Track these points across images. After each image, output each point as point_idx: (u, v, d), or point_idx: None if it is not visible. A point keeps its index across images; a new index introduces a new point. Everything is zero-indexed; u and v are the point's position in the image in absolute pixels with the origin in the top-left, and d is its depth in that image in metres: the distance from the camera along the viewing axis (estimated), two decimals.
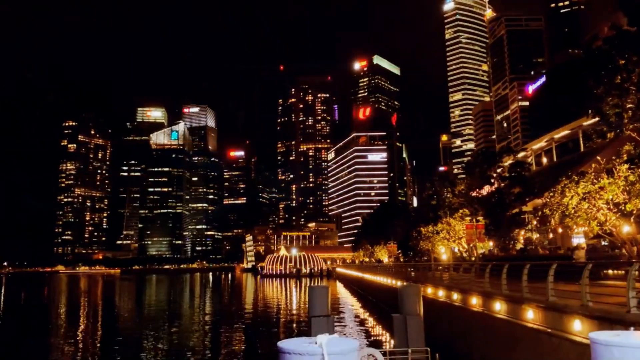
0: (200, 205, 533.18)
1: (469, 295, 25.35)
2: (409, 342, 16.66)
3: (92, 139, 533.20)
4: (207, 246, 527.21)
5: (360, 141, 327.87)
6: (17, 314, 68.15)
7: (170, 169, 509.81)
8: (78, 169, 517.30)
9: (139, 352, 33.26)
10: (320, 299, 18.08)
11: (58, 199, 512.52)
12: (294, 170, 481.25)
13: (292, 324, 46.36)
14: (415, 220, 68.73)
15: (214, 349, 34.37)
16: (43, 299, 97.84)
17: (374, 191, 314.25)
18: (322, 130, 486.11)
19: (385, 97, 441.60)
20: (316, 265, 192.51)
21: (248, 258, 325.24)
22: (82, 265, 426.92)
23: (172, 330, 44.28)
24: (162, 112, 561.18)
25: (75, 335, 43.09)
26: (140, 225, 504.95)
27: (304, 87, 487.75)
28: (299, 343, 4.18)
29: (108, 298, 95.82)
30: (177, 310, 64.89)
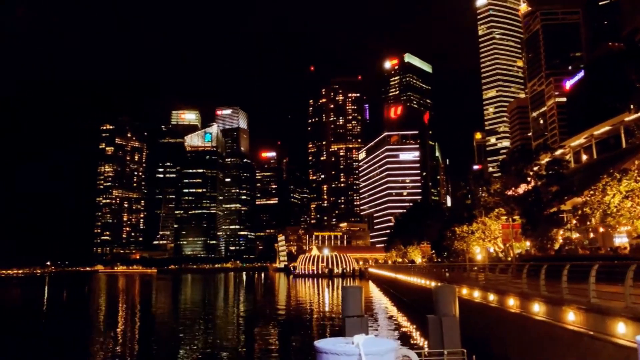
0: (233, 206, 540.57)
1: (505, 296, 24.82)
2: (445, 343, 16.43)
3: (129, 141, 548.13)
4: (240, 246, 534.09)
5: (391, 140, 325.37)
6: (59, 312, 70.73)
7: (204, 170, 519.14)
8: (116, 171, 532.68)
9: (176, 349, 33.96)
10: (353, 299, 18.01)
11: (97, 201, 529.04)
12: (325, 170, 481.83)
13: (325, 324, 46.41)
14: (449, 220, 67.81)
15: (249, 347, 34.75)
16: (84, 297, 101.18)
17: (406, 191, 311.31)
18: (353, 130, 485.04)
19: (417, 96, 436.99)
20: (348, 265, 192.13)
21: (280, 258, 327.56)
22: (120, 265, 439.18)
23: (208, 329, 45.03)
24: (196, 114, 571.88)
25: (114, 332, 44.37)
26: (176, 226, 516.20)
27: (334, 87, 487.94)
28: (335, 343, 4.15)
29: (145, 297, 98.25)
30: (212, 309, 65.93)
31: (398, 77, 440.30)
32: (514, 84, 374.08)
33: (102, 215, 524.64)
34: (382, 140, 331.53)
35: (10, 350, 35.32)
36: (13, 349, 35.86)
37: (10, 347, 37.13)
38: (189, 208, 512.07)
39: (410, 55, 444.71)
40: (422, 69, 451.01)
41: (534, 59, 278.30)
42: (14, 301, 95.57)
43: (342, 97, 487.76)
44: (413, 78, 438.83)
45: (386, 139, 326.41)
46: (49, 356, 33.10)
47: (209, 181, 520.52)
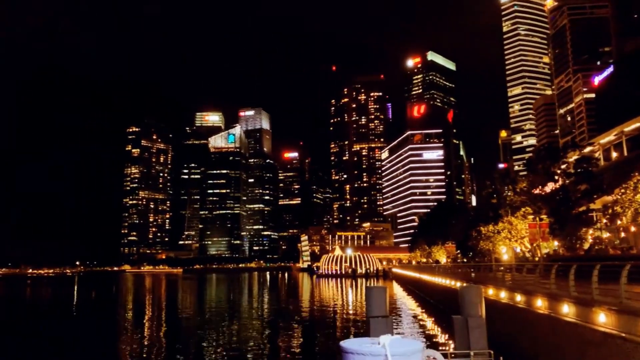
0: (256, 206, 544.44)
1: (533, 297, 24.39)
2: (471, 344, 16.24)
3: (155, 143, 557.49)
4: (264, 246, 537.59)
5: (415, 139, 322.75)
6: (88, 311, 72.42)
7: (227, 171, 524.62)
8: (142, 172, 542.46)
9: (201, 348, 34.41)
10: (378, 300, 17.96)
11: (123, 202, 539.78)
12: (348, 170, 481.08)
13: (350, 324, 46.35)
14: (474, 220, 66.94)
15: (273, 347, 34.96)
16: (111, 297, 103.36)
17: (430, 190, 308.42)
18: (376, 130, 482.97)
19: (441, 94, 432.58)
20: (372, 265, 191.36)
21: (304, 258, 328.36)
22: (147, 265, 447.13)
23: (233, 328, 45.46)
24: (220, 116, 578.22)
25: (142, 331, 45.21)
26: (201, 226, 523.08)
27: (356, 87, 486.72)
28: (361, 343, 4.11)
29: (171, 296, 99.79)
30: (236, 308, 66.55)
31: (421, 76, 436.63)
32: (540, 81, 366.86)
33: (129, 216, 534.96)
34: (405, 139, 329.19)
35: (43, 348, 36.33)
36: (45, 347, 36.88)
37: (42, 345, 38.20)
38: (213, 208, 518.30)
39: (433, 53, 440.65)
40: (446, 66, 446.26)
41: (560, 54, 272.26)
42: (45, 300, 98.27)
43: (364, 96, 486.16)
44: (436, 76, 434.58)
45: (409, 138, 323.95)
46: (78, 354, 33.91)
47: (232, 182, 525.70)
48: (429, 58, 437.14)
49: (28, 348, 36.20)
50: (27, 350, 35.34)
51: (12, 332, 46.15)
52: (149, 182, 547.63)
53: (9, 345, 38.00)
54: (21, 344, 38.12)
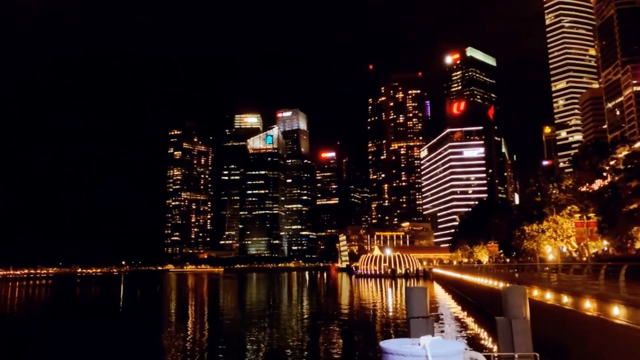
0: (294, 206, 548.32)
1: (581, 298, 23.52)
2: (515, 346, 15.79)
3: (195, 146, 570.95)
4: (302, 246, 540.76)
5: (455, 137, 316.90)
6: (134, 309, 74.83)
7: (266, 172, 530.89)
8: (184, 174, 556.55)
9: (242, 346, 34.95)
10: (418, 300, 17.71)
11: (167, 203, 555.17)
12: (386, 169, 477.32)
13: (389, 325, 45.99)
14: (517, 219, 65.19)
15: (312, 346, 35.11)
16: (156, 295, 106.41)
17: (471, 189, 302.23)
18: (414, 128, 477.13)
19: (481, 90, 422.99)
20: (411, 265, 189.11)
21: (342, 258, 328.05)
22: (189, 264, 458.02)
23: (273, 327, 45.95)
24: (258, 117, 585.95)
25: (185, 328, 46.33)
26: (241, 226, 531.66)
27: (394, 85, 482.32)
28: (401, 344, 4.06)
29: (213, 295, 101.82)
30: (277, 308, 67.20)
31: (460, 72, 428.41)
32: (585, 74, 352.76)
33: (172, 217, 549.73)
34: (444, 137, 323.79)
35: (92, 345, 37.80)
36: (95, 343, 38.36)
37: (92, 341, 39.75)
38: (252, 209, 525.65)
39: (472, 48, 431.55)
40: (486, 62, 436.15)
41: (608, 46, 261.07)
42: (94, 298, 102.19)
43: (402, 94, 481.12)
44: (476, 72, 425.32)
45: (449, 135, 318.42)
46: (125, 351, 35.08)
47: (271, 182, 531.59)
48: (468, 54, 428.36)
49: (78, 345, 37.76)
50: (77, 347, 36.86)
51: (64, 329, 48.25)
52: (191, 183, 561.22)
53: (60, 341, 39.76)
54: (71, 341, 39.81)
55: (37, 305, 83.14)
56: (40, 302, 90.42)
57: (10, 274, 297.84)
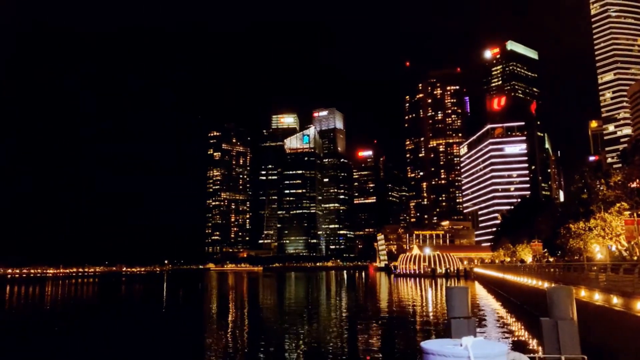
0: (332, 205, 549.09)
1: (633, 299, 22.52)
2: (562, 349, 15.27)
3: (234, 147, 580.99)
4: (340, 245, 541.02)
5: (495, 133, 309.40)
6: (177, 306, 76.79)
7: (303, 172, 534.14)
8: (223, 174, 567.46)
9: (281, 344, 35.28)
10: (459, 300, 17.37)
11: (207, 203, 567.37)
12: (424, 167, 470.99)
13: (430, 325, 45.38)
14: (562, 217, 63.08)
15: (351, 345, 35.07)
16: (198, 293, 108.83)
17: (513, 186, 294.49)
18: (453, 125, 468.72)
19: (522, 85, 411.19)
20: (452, 265, 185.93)
21: (380, 257, 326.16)
22: (229, 263, 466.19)
23: (312, 325, 46.17)
24: (294, 117, 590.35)
25: (225, 325, 47.18)
26: (279, 225, 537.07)
27: (431, 81, 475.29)
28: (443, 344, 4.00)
29: (253, 293, 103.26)
30: (315, 306, 67.47)
31: (500, 67, 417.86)
32: (634, 65, 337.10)
33: (212, 217, 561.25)
34: (485, 133, 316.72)
35: (137, 340, 39.03)
36: (140, 339, 39.60)
37: (136, 336, 41.05)
38: (290, 208, 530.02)
39: (513, 42, 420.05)
40: (527, 55, 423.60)
41: None
42: (139, 295, 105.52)
43: (440, 90, 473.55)
44: (517, 66, 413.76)
45: (489, 131, 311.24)
46: (167, 346, 36.04)
47: (308, 182, 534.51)
48: (509, 48, 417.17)
49: (123, 340, 39.07)
50: (122, 342, 38.15)
51: (110, 325, 50.05)
52: (230, 183, 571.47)
53: (107, 336, 41.26)
54: (118, 336, 41.24)
55: (86, 301, 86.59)
56: (88, 298, 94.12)
57: (60, 272, 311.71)
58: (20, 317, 59.54)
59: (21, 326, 49.60)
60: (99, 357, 31.66)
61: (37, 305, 78.09)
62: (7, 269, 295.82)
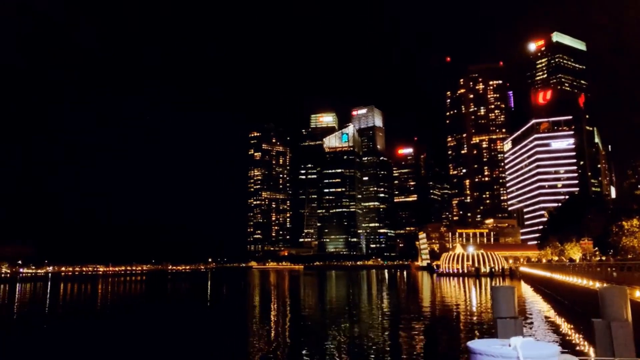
0: (372, 204, 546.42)
1: None
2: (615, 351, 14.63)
3: (274, 146, 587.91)
4: (380, 244, 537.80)
5: (541, 128, 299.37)
6: (221, 303, 78.39)
7: (342, 170, 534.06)
8: (263, 174, 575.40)
9: (322, 342, 35.39)
10: (505, 300, 16.91)
11: (248, 202, 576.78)
12: (467, 164, 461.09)
13: (474, 325, 44.46)
14: (615, 214, 60.43)
15: (394, 344, 34.79)
16: (241, 290, 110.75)
17: (560, 182, 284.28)
18: (496, 120, 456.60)
19: (569, 77, 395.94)
20: (496, 264, 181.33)
21: (422, 256, 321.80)
22: (271, 261, 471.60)
23: (353, 324, 46.11)
24: (333, 116, 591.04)
25: (268, 322, 47.79)
26: (319, 224, 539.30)
27: (473, 76, 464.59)
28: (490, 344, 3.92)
29: (294, 291, 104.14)
30: (357, 305, 67.37)
31: (545, 59, 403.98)
32: None
33: (254, 216, 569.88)
34: (530, 128, 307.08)
35: (183, 335, 40.12)
36: (185, 334, 40.69)
37: (182, 331, 42.20)
38: (330, 207, 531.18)
39: (559, 33, 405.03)
40: (574, 47, 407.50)
41: None
42: (184, 293, 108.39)
43: (483, 85, 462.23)
44: (563, 58, 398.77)
45: (535, 126, 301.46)
46: (212, 342, 36.84)
47: (347, 180, 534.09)
48: (554, 39, 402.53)
49: (168, 336, 40.24)
50: (167, 337, 39.29)
51: (157, 321, 51.65)
52: (270, 183, 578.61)
53: (155, 330, 42.61)
54: (164, 332, 42.51)
55: (134, 297, 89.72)
56: (136, 295, 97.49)
57: (110, 270, 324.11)
58: (78, 311, 62.31)
59: (79, 319, 51.95)
60: (147, 350, 32.74)
61: (90, 300, 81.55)
62: (61, 267, 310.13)
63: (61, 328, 46.15)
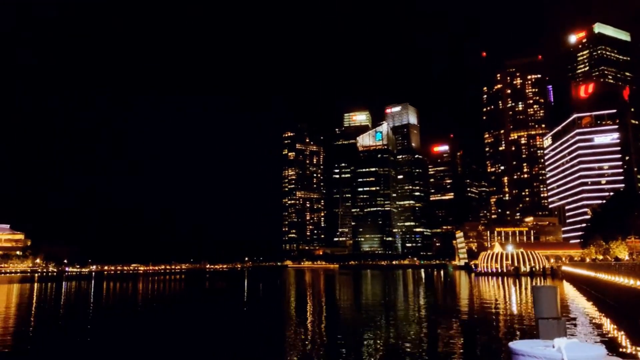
0: (407, 203, 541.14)
1: None
2: None
3: (308, 146, 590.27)
4: (416, 243, 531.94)
5: (583, 122, 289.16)
6: (257, 301, 79.27)
7: (376, 169, 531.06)
8: (297, 174, 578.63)
9: (360, 341, 35.24)
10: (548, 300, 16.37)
11: (283, 202, 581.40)
12: (505, 161, 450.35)
13: (514, 326, 43.36)
14: None
15: (432, 344, 34.30)
16: (277, 289, 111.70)
17: (604, 179, 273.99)
18: (535, 115, 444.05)
19: (613, 69, 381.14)
20: (537, 263, 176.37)
21: (460, 255, 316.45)
22: (306, 260, 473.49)
23: (390, 323, 45.74)
24: (366, 115, 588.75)
25: (304, 320, 47.96)
26: (353, 223, 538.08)
27: (510, 71, 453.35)
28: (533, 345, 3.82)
29: (330, 290, 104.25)
30: (393, 304, 66.81)
31: (587, 51, 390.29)
32: None
33: (288, 215, 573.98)
34: (571, 123, 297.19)
35: (220, 332, 40.77)
36: (223, 330, 41.33)
37: (219, 330, 42.87)
38: (364, 206, 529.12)
39: (601, 24, 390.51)
40: (618, 38, 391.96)
41: None
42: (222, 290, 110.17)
43: (520, 80, 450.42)
44: (606, 50, 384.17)
45: (576, 121, 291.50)
46: (250, 340, 37.27)
47: (381, 179, 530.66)
48: (596, 30, 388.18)
49: (207, 333, 40.94)
50: (206, 334, 39.99)
51: (195, 319, 52.68)
52: (304, 182, 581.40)
53: (192, 329, 43.45)
54: (202, 329, 43.28)
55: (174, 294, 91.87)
56: (176, 292, 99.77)
57: (150, 269, 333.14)
58: (120, 307, 64.32)
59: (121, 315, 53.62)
60: (186, 346, 33.41)
61: (132, 297, 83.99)
62: (104, 266, 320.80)
63: (104, 323, 47.69)
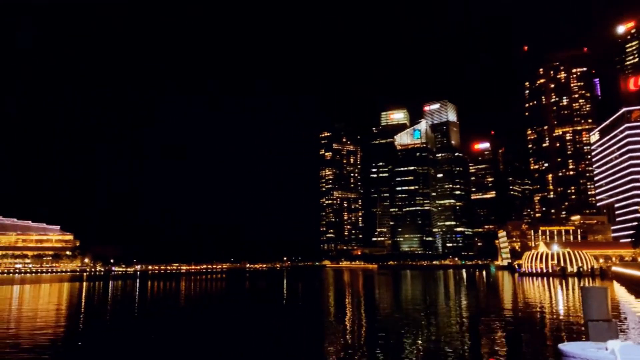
0: (447, 202, 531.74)
1: None
2: None
3: (344, 146, 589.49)
4: (457, 242, 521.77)
5: (632, 117, 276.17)
6: (295, 300, 79.71)
7: (415, 168, 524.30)
8: (334, 174, 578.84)
9: (400, 343, 34.80)
10: (597, 301, 15.66)
11: (320, 202, 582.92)
12: (549, 157, 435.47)
13: (561, 328, 41.79)
14: None
15: (474, 345, 33.49)
16: (316, 288, 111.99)
17: None
18: (581, 110, 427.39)
19: None
20: (585, 263, 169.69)
21: (503, 255, 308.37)
22: (344, 260, 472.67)
23: (431, 324, 45.01)
24: (404, 113, 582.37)
25: (343, 320, 47.82)
26: (392, 223, 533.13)
27: (554, 65, 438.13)
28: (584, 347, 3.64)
29: (369, 290, 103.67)
30: (434, 305, 65.76)
31: (636, 42, 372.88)
32: None
33: (326, 215, 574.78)
34: (620, 117, 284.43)
35: (259, 334, 41.16)
36: (262, 332, 41.72)
37: (259, 330, 43.29)
38: (403, 205, 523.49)
39: None
40: None
41: None
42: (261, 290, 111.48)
43: (565, 74, 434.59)
44: None
45: (625, 115, 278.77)
46: (290, 338, 37.42)
47: (420, 178, 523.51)
48: None
49: (246, 332, 41.42)
50: (245, 334, 40.45)
51: (235, 318, 53.42)
52: (342, 182, 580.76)
53: (232, 328, 44.08)
54: (242, 329, 43.84)
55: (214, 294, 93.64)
56: (218, 291, 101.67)
57: (192, 268, 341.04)
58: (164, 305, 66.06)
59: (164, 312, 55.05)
60: (227, 345, 33.89)
61: (175, 295, 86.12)
62: (148, 266, 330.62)
63: (149, 321, 49.03)
